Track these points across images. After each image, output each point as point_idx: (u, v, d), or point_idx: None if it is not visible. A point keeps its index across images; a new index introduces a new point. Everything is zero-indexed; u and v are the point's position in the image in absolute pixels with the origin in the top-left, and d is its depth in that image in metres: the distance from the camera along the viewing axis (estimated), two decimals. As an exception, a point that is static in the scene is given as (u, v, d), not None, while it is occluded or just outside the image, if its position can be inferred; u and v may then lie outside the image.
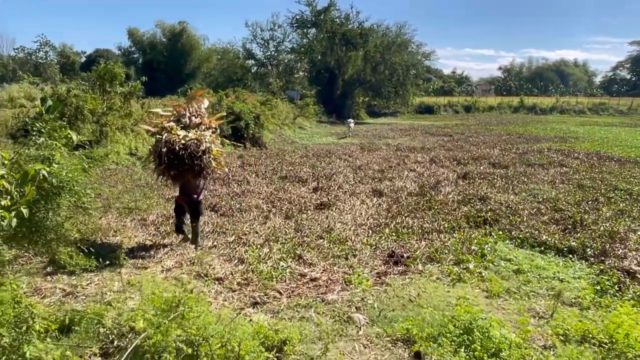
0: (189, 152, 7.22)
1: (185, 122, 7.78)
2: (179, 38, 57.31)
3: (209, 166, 7.59)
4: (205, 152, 7.44)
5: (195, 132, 7.60)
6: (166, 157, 7.15)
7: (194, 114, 8.05)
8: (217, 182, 14.15)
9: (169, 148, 7.16)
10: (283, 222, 10.16)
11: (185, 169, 7.37)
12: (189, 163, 7.26)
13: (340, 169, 16.75)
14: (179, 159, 7.20)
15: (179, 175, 7.58)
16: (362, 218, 10.61)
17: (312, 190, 13.45)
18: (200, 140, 7.44)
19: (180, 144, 7.20)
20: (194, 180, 7.83)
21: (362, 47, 42.80)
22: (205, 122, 8.07)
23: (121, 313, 3.87)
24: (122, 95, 17.73)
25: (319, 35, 43.82)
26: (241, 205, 11.33)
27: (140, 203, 11.22)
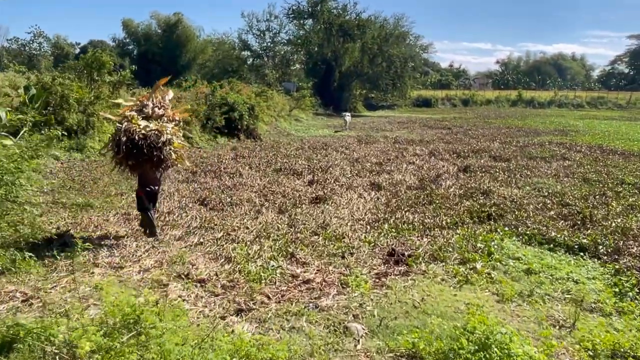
0: (149, 142, 7.01)
1: (148, 113, 7.54)
2: (174, 29, 56.36)
3: (168, 158, 7.43)
4: (166, 143, 7.25)
5: (157, 123, 7.40)
6: (125, 147, 6.94)
7: (157, 105, 7.82)
8: (209, 174, 13.51)
9: (128, 137, 6.94)
10: (276, 217, 9.52)
11: (144, 160, 7.17)
12: (148, 154, 7.06)
13: (337, 161, 16.10)
14: (137, 149, 6.98)
15: (137, 165, 7.39)
16: (359, 213, 9.98)
17: (307, 183, 12.81)
18: (161, 131, 7.24)
19: (140, 133, 7.00)
20: (154, 172, 7.68)
21: (359, 39, 42.02)
22: (169, 114, 7.87)
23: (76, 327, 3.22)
24: (111, 85, 17.00)
25: (316, 26, 42.98)
26: (232, 198, 10.68)
27: (114, 199, 10.58)
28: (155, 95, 8.04)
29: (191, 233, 8.21)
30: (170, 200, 10.60)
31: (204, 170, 14.00)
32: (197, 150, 17.79)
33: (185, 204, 10.26)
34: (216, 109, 20.04)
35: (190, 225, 8.67)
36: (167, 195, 11.01)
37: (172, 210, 9.67)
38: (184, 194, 11.17)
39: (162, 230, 8.39)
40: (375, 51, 42.28)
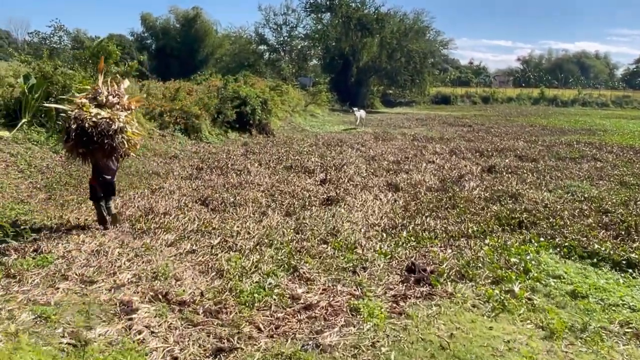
0: (99, 130, 6.79)
1: (101, 101, 7.27)
2: (192, 24, 55.70)
3: (120, 147, 7.20)
4: (117, 131, 7.02)
5: (109, 111, 7.14)
6: (74, 134, 6.78)
7: (112, 93, 7.55)
8: (215, 171, 12.57)
9: (78, 125, 6.74)
10: (282, 220, 8.53)
11: (95, 148, 6.98)
12: (99, 141, 6.84)
13: (352, 159, 15.05)
14: (87, 137, 6.78)
15: (87, 153, 7.20)
16: (374, 217, 8.93)
17: (319, 182, 11.80)
18: (113, 119, 7.00)
19: (91, 121, 6.78)
20: (106, 160, 7.48)
21: (378, 33, 40.76)
22: (123, 103, 7.60)
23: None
24: (117, 75, 16.13)
25: (334, 20, 41.81)
26: (236, 198, 9.71)
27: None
28: (110, 83, 7.78)
29: (185, 238, 7.25)
30: (169, 199, 9.66)
31: (210, 167, 13.08)
32: (206, 145, 16.89)
33: (185, 203, 9.31)
34: (228, 102, 19.10)
35: (186, 229, 7.72)
36: (167, 193, 10.10)
37: (169, 210, 8.72)
38: (185, 192, 10.24)
39: (154, 234, 7.48)
40: (394, 46, 40.94)
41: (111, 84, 7.79)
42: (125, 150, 7.48)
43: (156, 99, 17.64)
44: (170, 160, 14.10)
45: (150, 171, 12.46)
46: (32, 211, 8.47)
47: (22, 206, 8.75)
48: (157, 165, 13.40)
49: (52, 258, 5.93)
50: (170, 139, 16.29)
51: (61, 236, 7.02)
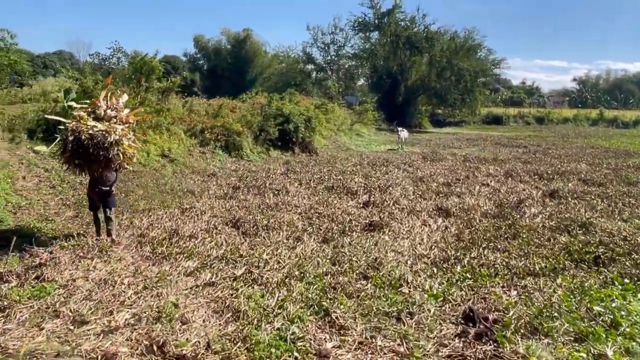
0: (95, 142, 6.91)
1: (100, 114, 7.38)
2: (243, 45, 56.48)
3: (116, 159, 7.26)
4: (113, 144, 7.08)
5: (106, 124, 7.24)
6: (71, 146, 6.94)
7: (110, 107, 7.62)
8: (252, 190, 11.78)
9: (75, 137, 6.90)
10: (318, 247, 7.55)
11: (91, 160, 7.09)
12: (94, 153, 6.95)
13: (398, 180, 13.92)
14: (84, 149, 6.91)
15: (84, 165, 7.31)
16: (423, 246, 7.81)
17: (361, 204, 10.77)
18: (109, 132, 7.09)
19: (87, 133, 6.91)
20: (103, 172, 7.48)
21: (427, 52, 39.54)
22: (121, 116, 7.68)
23: None
24: (160, 91, 15.81)
25: (382, 39, 40.95)
26: (270, 221, 8.81)
27: (138, 217, 9.00)
28: (109, 97, 7.82)
29: (207, 266, 6.39)
30: (199, 220, 8.89)
31: (247, 186, 12.31)
32: (246, 163, 16.22)
33: (214, 225, 8.50)
34: (270, 119, 18.48)
35: (211, 255, 6.87)
36: (198, 214, 9.35)
37: (196, 233, 7.91)
38: (216, 213, 9.46)
39: (175, 259, 6.68)
40: (443, 64, 39.52)
41: (111, 98, 7.81)
42: (121, 163, 7.48)
43: (198, 115, 17.23)
44: (208, 178, 13.47)
45: (185, 189, 11.82)
46: (54, 230, 7.89)
47: (46, 224, 8.20)
48: (194, 183, 12.78)
49: (52, 288, 5.19)
50: (210, 156, 15.73)
51: (73, 260, 6.32)
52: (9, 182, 9.69)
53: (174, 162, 14.14)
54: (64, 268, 5.83)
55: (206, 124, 16.67)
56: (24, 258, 6.29)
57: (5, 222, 8.01)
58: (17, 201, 9.11)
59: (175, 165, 14.01)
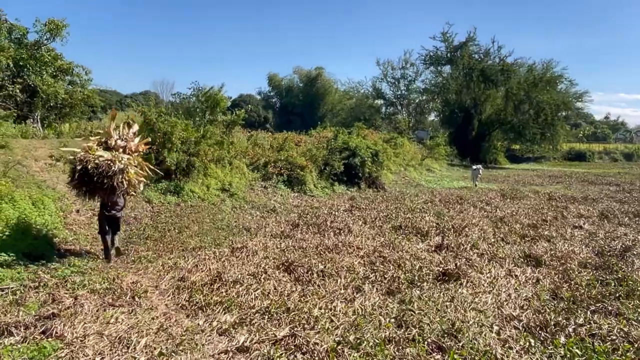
0: (100, 171, 7.25)
1: (111, 144, 7.75)
2: (314, 83, 57.17)
3: (120, 186, 7.48)
4: (117, 172, 7.38)
5: (113, 154, 7.56)
6: (78, 174, 7.32)
7: (121, 137, 8.01)
8: (311, 228, 10.70)
9: (82, 166, 7.29)
10: (381, 301, 6.27)
11: (97, 187, 7.38)
12: (99, 181, 7.27)
13: (475, 219, 12.30)
14: (89, 177, 7.27)
15: (91, 192, 7.61)
16: (511, 304, 6.29)
17: (433, 248, 9.35)
18: (114, 161, 7.42)
19: (94, 163, 7.28)
20: (110, 197, 7.72)
21: (503, 85, 37.42)
22: (130, 146, 8.02)
23: None
24: (224, 124, 15.37)
25: (455, 72, 39.37)
26: (327, 266, 7.64)
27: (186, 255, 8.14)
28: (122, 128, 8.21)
29: (246, 322, 5.30)
30: (248, 261, 7.89)
31: (307, 223, 11.26)
32: (309, 198, 15.25)
33: (264, 269, 7.45)
34: (336, 153, 17.53)
35: (253, 307, 5.78)
36: (249, 254, 8.36)
37: (241, 278, 6.88)
38: (269, 254, 8.42)
39: (212, 311, 5.67)
40: (521, 97, 37.11)
41: (123, 127, 8.22)
42: (126, 189, 7.68)
43: (262, 149, 16.62)
44: (268, 214, 12.59)
45: (242, 226, 10.97)
46: (92, 269, 7.18)
47: (86, 262, 7.53)
48: (252, 219, 11.93)
49: (54, 348, 4.29)
50: (271, 190, 14.93)
51: (98, 308, 5.47)
52: (60, 215, 9.26)
53: (233, 196, 13.44)
54: (81, 320, 4.95)
55: (270, 158, 16.00)
56: (46, 303, 5.52)
57: (48, 258, 7.41)
58: (64, 236, 8.60)
59: (235, 200, 13.29)
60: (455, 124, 39.66)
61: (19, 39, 14.34)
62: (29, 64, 13.77)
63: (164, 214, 11.23)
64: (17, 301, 5.51)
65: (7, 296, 5.68)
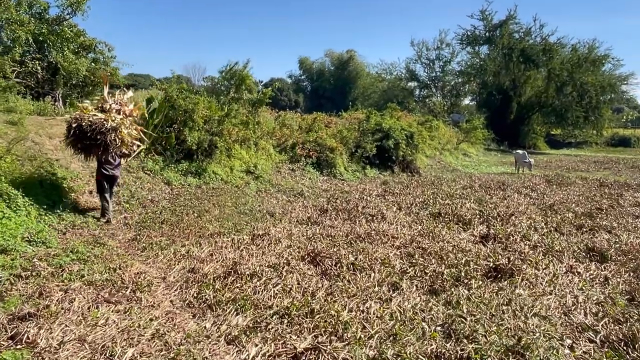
0: (93, 127, 7.68)
1: (106, 108, 8.19)
2: (345, 66, 55.72)
3: (113, 144, 7.88)
4: (110, 130, 7.81)
5: (107, 114, 8.01)
6: (74, 131, 7.72)
7: (116, 102, 8.44)
8: (340, 214, 9.71)
9: (78, 123, 7.71)
10: (423, 302, 5.24)
11: (91, 144, 7.77)
12: (93, 137, 7.68)
13: (521, 207, 11.06)
14: (83, 134, 7.69)
15: (85, 148, 7.96)
16: (580, 310, 5.15)
17: (479, 238, 8.24)
18: (107, 119, 7.86)
19: (88, 121, 7.73)
20: (104, 155, 8.04)
21: (544, 65, 35.14)
22: (125, 110, 8.46)
23: None
24: (250, 103, 14.43)
25: (493, 52, 37.23)
26: (358, 258, 6.64)
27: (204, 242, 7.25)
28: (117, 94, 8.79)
29: (260, 328, 4.37)
30: (270, 251, 6.96)
31: (336, 208, 10.26)
32: (339, 182, 14.23)
33: (287, 260, 6.50)
34: (368, 135, 16.39)
35: (270, 307, 4.85)
36: (271, 242, 7.43)
37: (260, 270, 5.95)
38: (293, 242, 7.47)
39: (223, 310, 4.78)
40: (564, 78, 34.79)
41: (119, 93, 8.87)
42: (119, 148, 8.09)
43: (290, 130, 15.64)
44: (294, 198, 11.65)
45: (265, 210, 10.06)
46: (96, 257, 6.37)
47: (92, 248, 6.74)
48: (277, 203, 11.00)
49: (20, 358, 3.43)
50: (299, 173, 13.97)
51: (90, 305, 4.63)
52: (71, 197, 8.53)
53: (259, 179, 12.55)
54: (63, 321, 4.10)
55: (298, 139, 15.02)
56: (31, 298, 4.72)
57: (49, 243, 6.66)
58: (73, 219, 7.85)
59: (260, 183, 12.39)
60: (492, 107, 37.65)
61: (40, 13, 13.75)
62: (49, 40, 13.16)
63: (184, 196, 10.41)
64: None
65: (-13, 289, 4.91)
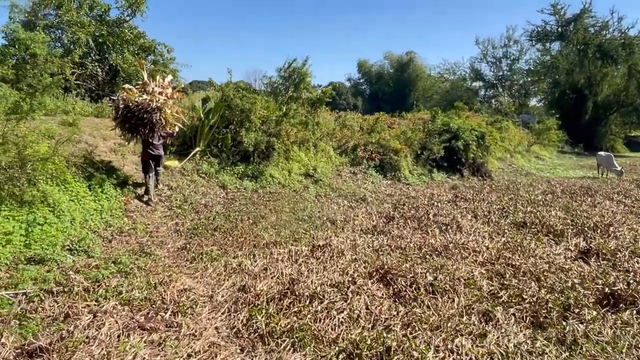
0: (140, 107, 8.09)
1: (149, 90, 8.48)
2: (405, 68, 54.08)
3: (159, 123, 8.27)
4: (155, 109, 8.19)
5: (151, 96, 8.34)
6: (122, 111, 8.14)
7: (157, 85, 8.73)
8: (409, 222, 8.57)
9: (125, 104, 8.12)
10: (528, 340, 4.05)
11: (138, 123, 8.14)
12: (140, 117, 8.06)
13: (618, 216, 9.43)
14: (132, 113, 8.09)
15: (133, 128, 8.28)
16: None
17: (577, 254, 6.85)
18: (152, 100, 8.24)
19: (135, 101, 8.14)
20: (151, 134, 8.37)
21: (624, 61, 32.02)
22: (166, 92, 8.75)
23: None
24: (309, 103, 13.56)
25: (566, 49, 34.41)
26: (437, 276, 5.51)
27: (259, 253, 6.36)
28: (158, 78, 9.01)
29: None
30: (333, 265, 5.97)
31: (404, 216, 9.13)
32: (403, 186, 13.04)
33: (353, 278, 5.48)
34: (435, 136, 15.08)
35: (336, 341, 3.85)
36: (334, 254, 6.44)
37: (321, 291, 4.97)
38: (359, 255, 6.45)
39: (277, 345, 3.83)
40: (647, 75, 31.62)
41: (159, 78, 9.11)
42: (164, 127, 8.45)
43: (351, 131, 14.63)
44: (357, 204, 10.62)
45: (326, 217, 9.10)
46: (139, 269, 5.63)
47: (136, 258, 6.02)
48: (338, 209, 10.02)
49: None
50: (361, 177, 12.92)
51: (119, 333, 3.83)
52: (120, 200, 7.95)
53: (318, 182, 11.62)
54: (81, 358, 3.29)
55: (359, 141, 13.98)
56: (55, 321, 3.99)
57: (92, 252, 6.02)
58: (120, 225, 7.23)
59: (319, 187, 11.46)
60: (564, 107, 34.72)
61: (100, 16, 13.63)
62: (109, 42, 12.96)
63: (239, 201, 9.65)
64: (19, 315, 4.03)
65: (12, 306, 4.23)
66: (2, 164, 5.78)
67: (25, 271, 4.95)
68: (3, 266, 5.06)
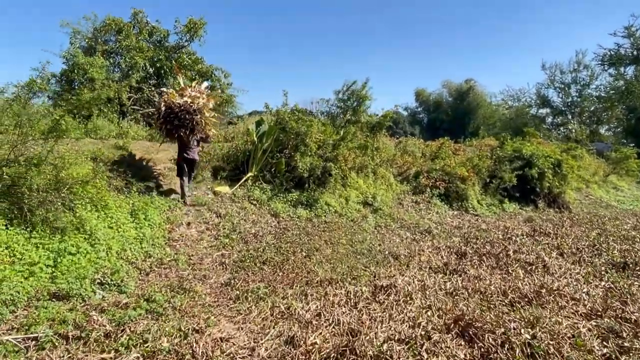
0: (182, 108, 8.39)
1: (186, 95, 8.73)
2: (464, 97, 52.31)
3: (199, 124, 8.54)
4: (196, 111, 8.49)
5: (190, 100, 8.63)
6: (164, 113, 8.40)
7: (194, 90, 8.96)
8: (485, 260, 7.33)
9: (167, 106, 8.44)
10: None
11: (179, 124, 8.38)
12: (182, 117, 8.35)
13: None
14: (174, 114, 8.37)
15: (173, 129, 8.48)
16: None
17: None
18: (193, 102, 8.56)
19: (177, 103, 8.44)
20: (190, 136, 8.60)
21: None
22: (203, 97, 8.90)
23: None
24: (368, 127, 12.64)
25: (642, 72, 31.72)
26: (536, 335, 4.29)
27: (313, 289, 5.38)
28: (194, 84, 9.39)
29: None
30: (399, 312, 4.88)
31: (477, 252, 7.87)
32: (472, 217, 11.69)
33: (425, 331, 4.37)
34: (505, 163, 13.65)
35: None
36: (400, 299, 5.35)
37: (388, 350, 3.90)
38: (430, 300, 5.31)
39: None
40: None
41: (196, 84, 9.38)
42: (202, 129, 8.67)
43: (413, 157, 13.52)
44: (421, 236, 9.45)
45: (387, 251, 8.01)
46: (174, 309, 4.80)
47: (171, 296, 5.21)
48: (401, 242, 8.90)
49: None
50: (425, 206, 11.70)
51: None
52: (164, 228, 7.26)
53: (378, 212, 10.55)
54: None
55: (422, 167, 12.84)
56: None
57: (125, 287, 5.27)
58: (161, 255, 6.49)
59: (379, 217, 10.38)
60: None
61: (159, 41, 13.55)
62: (166, 66, 12.77)
63: (292, 230, 8.75)
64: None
65: (19, 354, 3.48)
66: (35, 187, 5.20)
67: (44, 310, 4.24)
68: (22, 302, 4.38)
